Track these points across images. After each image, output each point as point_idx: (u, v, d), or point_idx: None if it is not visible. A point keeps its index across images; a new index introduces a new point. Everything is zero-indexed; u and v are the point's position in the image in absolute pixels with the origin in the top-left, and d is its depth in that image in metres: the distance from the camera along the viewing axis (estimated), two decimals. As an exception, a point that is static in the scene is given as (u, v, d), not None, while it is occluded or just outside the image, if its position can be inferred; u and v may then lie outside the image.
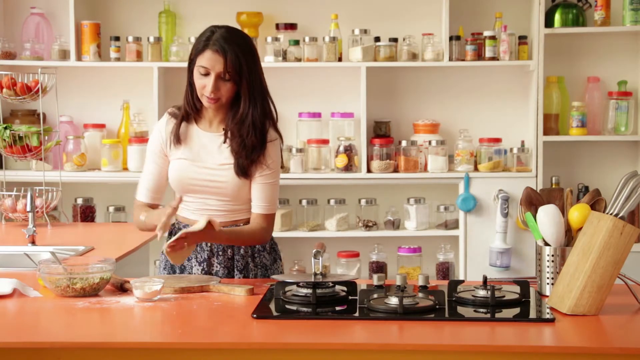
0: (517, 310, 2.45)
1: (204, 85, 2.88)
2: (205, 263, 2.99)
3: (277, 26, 4.87)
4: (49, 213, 4.19)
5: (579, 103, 4.80)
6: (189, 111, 2.99)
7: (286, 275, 3.13)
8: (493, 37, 4.74)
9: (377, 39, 4.80)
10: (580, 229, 2.50)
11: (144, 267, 3.86)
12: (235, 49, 2.87)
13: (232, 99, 2.94)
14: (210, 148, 2.97)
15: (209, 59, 2.86)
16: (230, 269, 3.00)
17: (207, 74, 2.87)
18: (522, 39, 4.80)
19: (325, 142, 4.81)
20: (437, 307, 2.42)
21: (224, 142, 2.95)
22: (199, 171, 2.95)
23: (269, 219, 2.99)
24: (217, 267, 2.99)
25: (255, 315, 2.35)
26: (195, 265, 3.00)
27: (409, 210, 4.83)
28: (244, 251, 3.01)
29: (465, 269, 4.75)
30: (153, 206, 3.04)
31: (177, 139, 2.97)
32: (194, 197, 2.98)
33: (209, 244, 2.99)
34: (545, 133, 4.78)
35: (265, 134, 2.94)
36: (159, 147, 3.01)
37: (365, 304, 2.43)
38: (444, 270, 4.82)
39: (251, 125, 2.91)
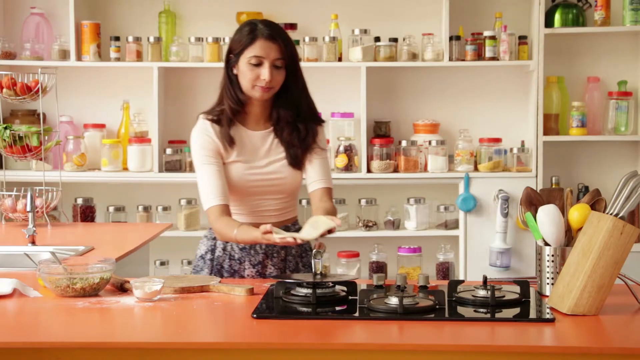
0: (517, 310, 2.45)
1: (258, 76, 2.85)
2: (259, 265, 2.98)
3: (277, 26, 4.87)
4: (49, 213, 4.19)
5: (579, 103, 4.80)
6: (235, 108, 2.93)
7: (286, 275, 3.13)
8: (493, 37, 4.75)
9: (377, 39, 4.80)
10: (580, 229, 2.50)
11: (144, 267, 3.86)
12: (285, 35, 2.91)
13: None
14: (263, 147, 2.96)
15: (261, 48, 2.85)
16: (283, 270, 3.01)
17: (259, 64, 2.85)
18: (522, 39, 4.80)
19: (326, 142, 4.81)
20: (437, 307, 2.42)
21: (275, 137, 2.96)
22: (258, 172, 2.94)
23: (331, 194, 3.01)
24: (270, 268, 2.99)
25: (255, 315, 2.35)
26: (248, 267, 2.99)
27: (409, 210, 4.83)
28: (295, 252, 3.02)
29: (465, 269, 4.75)
30: (227, 207, 2.91)
31: (231, 140, 2.92)
32: (250, 199, 2.96)
33: (263, 247, 2.98)
34: (545, 133, 4.78)
35: (317, 118, 3.01)
36: (214, 150, 2.92)
37: (365, 304, 2.43)
38: (444, 270, 4.82)
39: (306, 111, 2.96)
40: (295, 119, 2.95)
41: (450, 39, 4.76)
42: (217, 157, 2.93)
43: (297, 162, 2.95)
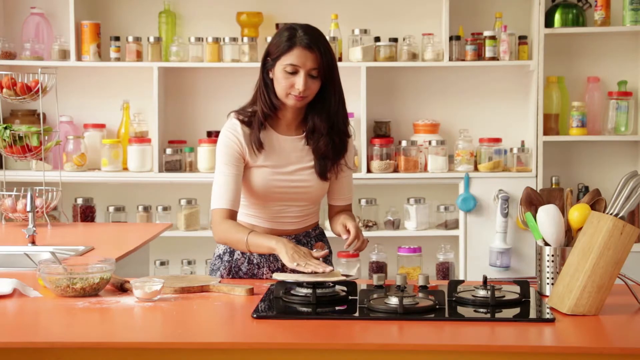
0: (517, 310, 2.45)
1: (292, 84, 2.79)
2: (278, 271, 2.94)
3: (277, 26, 4.86)
4: (49, 213, 4.19)
5: (579, 103, 4.80)
6: (268, 112, 2.87)
7: (286, 275, 3.13)
8: (493, 37, 4.74)
9: (377, 39, 4.80)
10: (580, 229, 2.50)
11: (144, 267, 3.86)
12: (324, 43, 2.84)
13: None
14: (292, 153, 2.91)
15: (298, 56, 2.78)
16: None
17: (295, 72, 2.79)
18: (522, 39, 4.80)
19: (325, 142, 4.80)
20: (437, 307, 2.42)
21: (307, 144, 2.91)
22: (284, 178, 2.90)
23: (350, 209, 3.04)
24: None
25: (255, 315, 2.35)
26: (267, 272, 2.96)
27: (409, 210, 4.83)
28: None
29: (465, 269, 4.75)
30: (234, 214, 2.88)
31: (260, 144, 2.86)
32: (273, 204, 2.92)
33: None
34: (545, 133, 4.78)
35: (348, 132, 2.97)
36: (237, 154, 2.86)
37: (365, 304, 2.43)
38: (444, 270, 4.82)
39: (341, 124, 2.92)
40: (329, 130, 2.90)
41: (450, 39, 4.76)
42: (239, 161, 2.87)
43: (324, 173, 2.91)
